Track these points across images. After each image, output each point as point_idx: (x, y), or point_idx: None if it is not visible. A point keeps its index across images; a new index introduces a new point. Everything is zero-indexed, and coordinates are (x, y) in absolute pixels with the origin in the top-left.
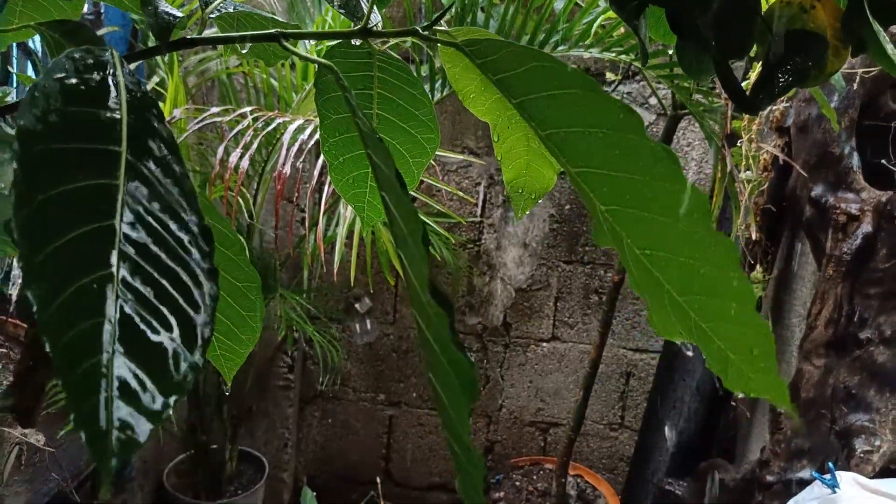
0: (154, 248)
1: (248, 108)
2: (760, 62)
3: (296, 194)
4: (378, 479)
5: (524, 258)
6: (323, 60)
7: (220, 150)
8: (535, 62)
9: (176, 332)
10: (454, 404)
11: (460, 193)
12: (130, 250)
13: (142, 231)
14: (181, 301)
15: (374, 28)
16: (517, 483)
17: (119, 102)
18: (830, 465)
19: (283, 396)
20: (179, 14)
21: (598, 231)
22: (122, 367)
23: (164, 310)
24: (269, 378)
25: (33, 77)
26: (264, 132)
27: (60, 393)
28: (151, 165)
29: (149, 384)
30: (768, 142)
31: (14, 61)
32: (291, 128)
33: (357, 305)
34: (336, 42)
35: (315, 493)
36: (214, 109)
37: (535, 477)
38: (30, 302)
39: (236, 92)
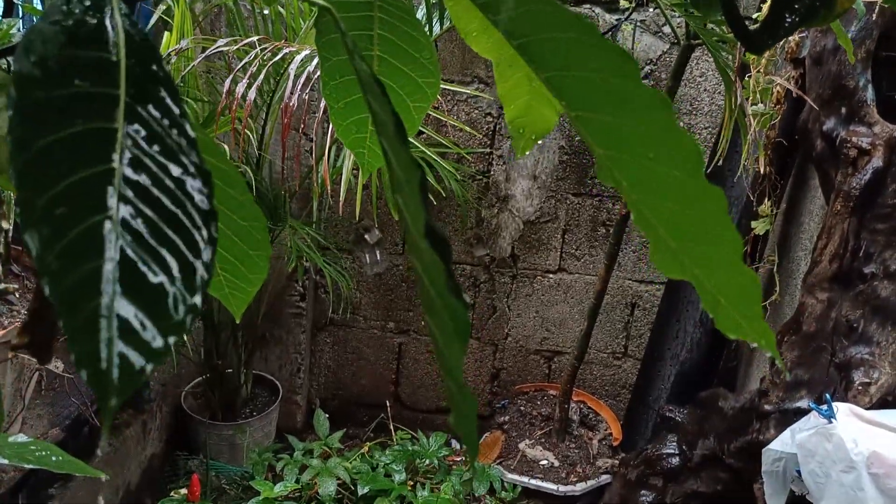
0: (154, 191)
1: (255, 38)
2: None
3: (302, 125)
4: (388, 403)
5: (533, 190)
6: (321, 2)
7: (228, 82)
8: (534, 4)
9: (176, 275)
10: (448, 345)
11: (467, 129)
12: (130, 193)
13: (142, 174)
14: (181, 244)
15: None
16: (522, 408)
17: (117, 45)
18: (827, 396)
19: (295, 324)
20: None
21: (601, 170)
22: (123, 309)
23: (164, 252)
24: (281, 306)
25: (39, 8)
26: (272, 62)
27: None
28: (151, 108)
29: (149, 325)
30: (782, 73)
31: None
32: (298, 58)
33: (367, 236)
34: None
35: (327, 416)
36: (222, 41)
37: (539, 402)
38: (30, 246)
39: (243, 19)
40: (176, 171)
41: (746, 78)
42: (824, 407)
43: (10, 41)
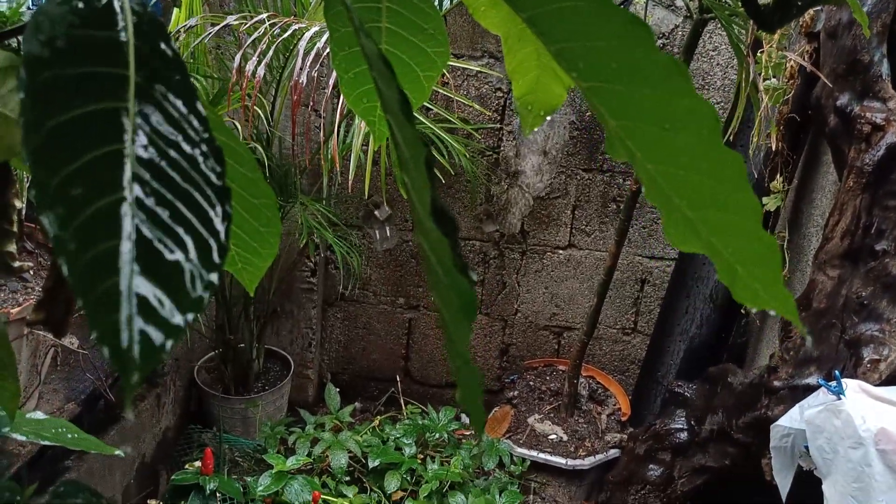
0: (167, 170)
1: (264, 14)
2: None
3: (312, 101)
4: (398, 377)
5: (543, 166)
6: None
7: (238, 58)
8: None
9: (192, 252)
10: (455, 323)
11: (476, 105)
12: (144, 172)
13: (154, 153)
14: (195, 221)
15: None
16: (531, 383)
17: (125, 25)
18: (837, 373)
19: (306, 299)
20: None
21: (611, 144)
22: (141, 287)
23: (180, 230)
24: (292, 281)
25: None
26: (281, 39)
27: None
28: (160, 87)
29: (167, 302)
30: (797, 47)
31: None
32: (308, 34)
33: (376, 212)
34: None
35: (339, 390)
36: (231, 18)
37: (548, 377)
38: (46, 227)
39: None
40: (188, 149)
41: (759, 53)
42: (833, 383)
43: (20, 20)
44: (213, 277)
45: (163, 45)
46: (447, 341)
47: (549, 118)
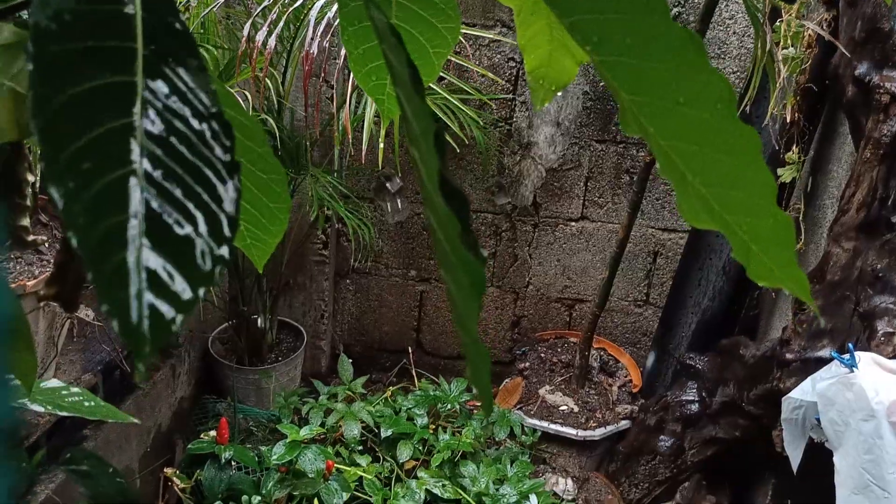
0: (176, 144)
1: None
2: None
3: (323, 72)
4: (410, 349)
5: (556, 137)
6: None
7: (247, 27)
8: None
9: (202, 226)
10: (463, 300)
11: (490, 75)
12: (152, 146)
13: (163, 127)
14: (205, 196)
15: None
16: (542, 355)
17: None
18: (850, 345)
19: (318, 271)
20: None
21: (624, 119)
22: (151, 261)
23: (189, 205)
24: (304, 253)
25: None
26: (292, 8)
27: None
28: (169, 60)
29: (177, 276)
30: (815, 15)
31: None
32: (318, 3)
33: (388, 184)
34: None
35: (351, 361)
36: None
37: (559, 349)
38: (56, 202)
39: None
40: (197, 123)
41: (777, 22)
42: (846, 356)
43: None
44: (224, 251)
45: (170, 19)
46: (456, 319)
47: (546, 103)
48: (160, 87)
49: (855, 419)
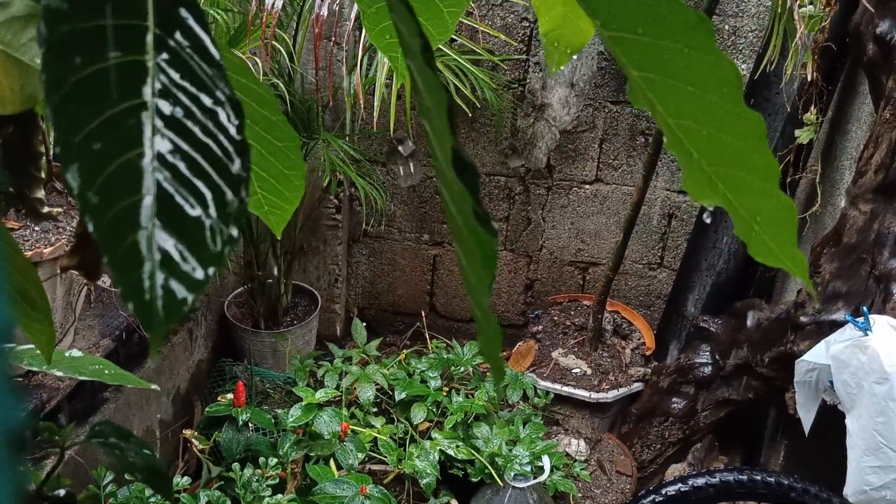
0: (187, 124)
1: None
2: None
3: (334, 35)
4: (423, 312)
5: (570, 98)
6: None
7: None
8: None
9: (211, 207)
10: (475, 273)
11: (502, 36)
12: (164, 127)
13: (174, 107)
14: (215, 175)
15: None
16: (555, 318)
17: None
18: (864, 308)
19: (332, 235)
20: None
21: (633, 93)
22: (163, 241)
23: (200, 184)
24: (318, 218)
25: None
26: None
27: None
28: (179, 38)
29: (189, 256)
30: None
31: None
32: None
33: (400, 148)
34: None
35: (365, 324)
36: None
37: (572, 312)
38: (70, 183)
39: None
40: (207, 102)
41: None
42: (861, 319)
43: None
44: (234, 231)
45: None
46: (468, 290)
47: (562, 66)
48: (171, 65)
49: (868, 382)
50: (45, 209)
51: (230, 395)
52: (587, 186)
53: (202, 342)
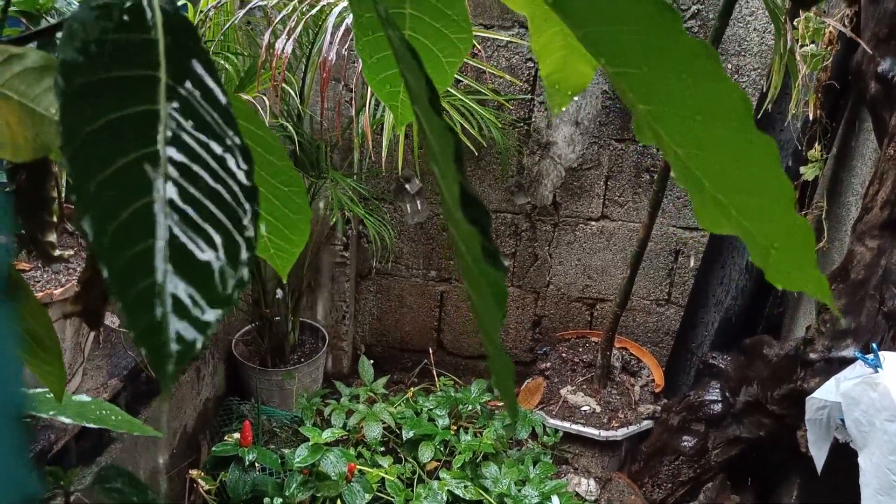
0: (197, 170)
1: None
2: None
3: (342, 77)
4: (430, 349)
5: (575, 136)
6: None
7: (267, 35)
8: None
9: (221, 251)
10: (486, 311)
11: (507, 77)
12: (175, 173)
13: (185, 154)
14: (225, 220)
15: None
16: (563, 354)
17: (154, 25)
18: (874, 345)
19: (339, 272)
20: None
21: (639, 128)
22: (175, 286)
23: (210, 229)
24: (326, 255)
25: None
26: (310, 14)
27: None
28: (190, 86)
29: (200, 300)
30: (837, 11)
31: None
32: (336, 10)
33: (407, 186)
34: None
35: (372, 362)
36: None
37: (580, 349)
38: (86, 232)
39: None
40: (217, 148)
41: (797, 20)
42: (871, 356)
43: (54, 7)
44: (243, 274)
45: (190, 42)
46: (479, 328)
47: (564, 107)
48: (182, 113)
49: (880, 419)
50: (57, 252)
51: (237, 435)
52: (593, 223)
53: (209, 380)
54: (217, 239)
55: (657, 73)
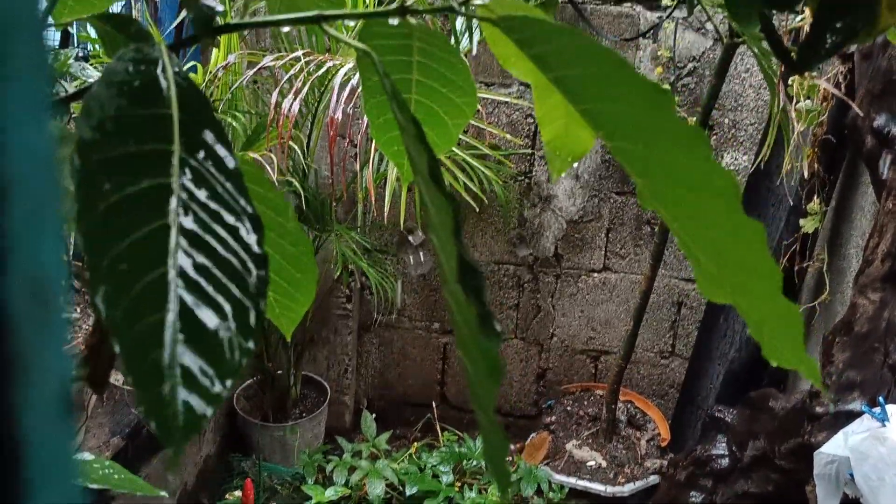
0: (209, 240)
1: (300, 52)
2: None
3: (347, 134)
4: (434, 402)
5: (576, 190)
6: (360, 45)
7: (275, 95)
8: (568, 39)
9: (230, 320)
10: (481, 383)
11: (508, 136)
12: (187, 244)
13: (197, 224)
14: (234, 289)
15: (412, 6)
16: (568, 408)
17: (170, 100)
18: (881, 398)
19: (342, 325)
20: (220, 8)
21: (641, 196)
22: (185, 357)
23: (220, 298)
24: (329, 308)
25: (94, 36)
26: (316, 75)
27: None
28: (202, 157)
29: (208, 370)
30: (831, 68)
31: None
32: (342, 71)
33: (410, 238)
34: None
35: (375, 416)
36: (268, 58)
37: (585, 402)
38: (98, 306)
39: (288, 32)
40: (229, 217)
41: (792, 79)
42: (878, 410)
43: (68, 70)
44: (251, 344)
45: (204, 116)
46: (472, 399)
47: (563, 172)
48: (194, 184)
49: (889, 474)
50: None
51: (238, 493)
52: (595, 275)
53: (210, 437)
54: (227, 308)
55: (652, 150)
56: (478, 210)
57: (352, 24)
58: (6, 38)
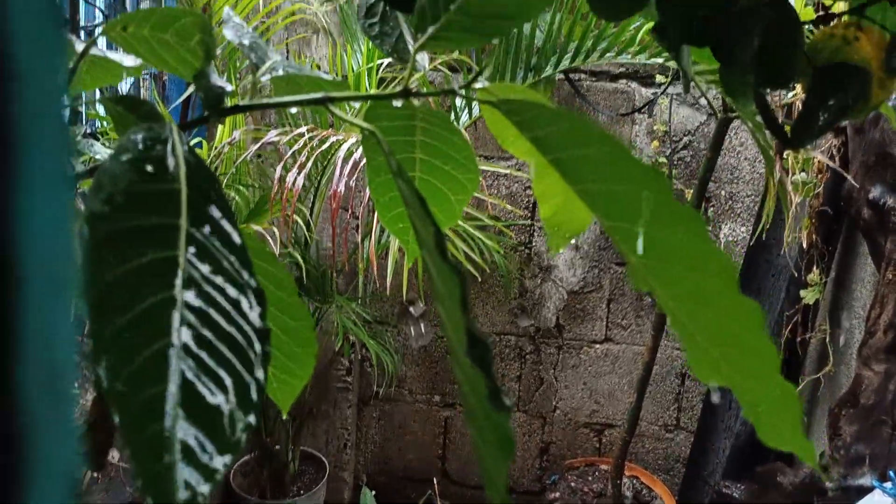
0: (213, 314)
1: (304, 129)
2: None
3: (350, 206)
4: (435, 478)
5: (576, 261)
6: (365, 125)
7: (279, 169)
8: (567, 123)
9: (232, 394)
10: (490, 456)
11: (508, 206)
12: (191, 318)
13: (201, 298)
14: (236, 363)
15: (415, 89)
16: (572, 484)
17: (178, 175)
18: (892, 472)
19: (342, 398)
20: (230, 87)
21: (634, 277)
22: (184, 432)
23: (221, 372)
24: (328, 380)
25: (102, 113)
26: (320, 150)
27: None
28: (208, 231)
29: (208, 445)
30: (825, 141)
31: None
32: (345, 146)
33: (411, 309)
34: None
35: (374, 492)
36: (273, 133)
37: (590, 478)
38: (100, 377)
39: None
40: (232, 291)
41: (787, 153)
42: (888, 484)
43: (77, 146)
44: (251, 419)
45: (211, 191)
46: (482, 473)
47: (563, 249)
48: (200, 259)
49: None
50: None
51: None
52: (597, 346)
53: None
54: (228, 382)
55: (648, 231)
56: (479, 280)
57: (356, 104)
58: (34, 118)
